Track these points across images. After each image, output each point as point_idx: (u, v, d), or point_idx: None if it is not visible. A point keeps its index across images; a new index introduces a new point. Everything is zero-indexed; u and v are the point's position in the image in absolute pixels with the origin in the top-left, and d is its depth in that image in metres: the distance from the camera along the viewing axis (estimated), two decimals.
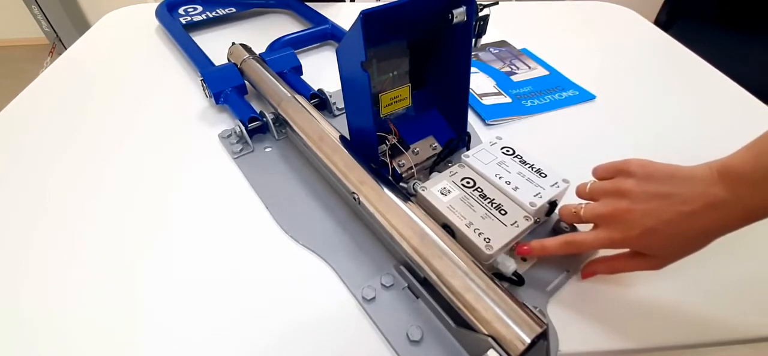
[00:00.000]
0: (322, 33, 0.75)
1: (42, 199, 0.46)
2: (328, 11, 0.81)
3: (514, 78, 0.66)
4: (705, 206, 0.27)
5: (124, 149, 0.52)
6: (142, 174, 0.49)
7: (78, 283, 0.37)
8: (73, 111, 0.59)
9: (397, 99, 0.45)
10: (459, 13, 0.38)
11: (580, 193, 0.37)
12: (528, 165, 0.40)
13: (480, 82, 0.64)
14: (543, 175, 0.39)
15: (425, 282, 0.35)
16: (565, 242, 0.34)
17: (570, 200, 0.39)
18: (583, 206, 0.35)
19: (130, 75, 0.68)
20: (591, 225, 0.34)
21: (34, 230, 0.42)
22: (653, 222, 0.29)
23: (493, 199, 0.37)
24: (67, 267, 0.39)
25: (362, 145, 0.43)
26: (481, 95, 0.61)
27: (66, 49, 0.74)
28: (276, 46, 0.70)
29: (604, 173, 0.36)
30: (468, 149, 0.47)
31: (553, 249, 0.34)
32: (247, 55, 0.60)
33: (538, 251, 0.35)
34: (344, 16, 0.81)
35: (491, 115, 0.57)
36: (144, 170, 0.49)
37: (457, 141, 0.46)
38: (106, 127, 0.56)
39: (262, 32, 0.78)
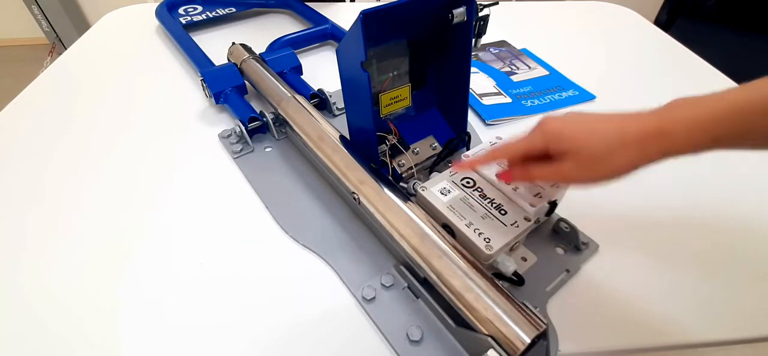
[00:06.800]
0: (322, 33, 0.75)
1: (42, 200, 0.46)
2: (328, 11, 0.81)
3: (514, 78, 0.66)
4: (621, 116, 0.30)
5: (124, 149, 0.52)
6: (142, 174, 0.49)
7: (79, 282, 0.37)
8: (73, 111, 0.59)
9: (397, 99, 0.45)
10: (459, 13, 0.38)
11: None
12: None
13: (480, 82, 0.64)
14: None
15: (425, 282, 0.35)
16: (491, 152, 0.35)
17: (570, 199, 0.39)
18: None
19: (130, 75, 0.68)
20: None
21: (35, 232, 0.42)
22: (568, 122, 0.31)
23: (493, 199, 0.37)
24: (69, 267, 0.39)
25: (362, 145, 0.43)
26: (481, 95, 0.61)
27: (66, 49, 0.74)
28: (276, 46, 0.70)
29: None
30: (468, 149, 0.47)
31: (485, 160, 0.36)
32: (247, 55, 0.60)
33: (470, 165, 0.38)
34: (344, 16, 0.81)
35: (491, 115, 0.57)
36: (144, 169, 0.49)
37: (457, 141, 0.46)
38: (106, 127, 0.56)
39: (262, 32, 0.78)
